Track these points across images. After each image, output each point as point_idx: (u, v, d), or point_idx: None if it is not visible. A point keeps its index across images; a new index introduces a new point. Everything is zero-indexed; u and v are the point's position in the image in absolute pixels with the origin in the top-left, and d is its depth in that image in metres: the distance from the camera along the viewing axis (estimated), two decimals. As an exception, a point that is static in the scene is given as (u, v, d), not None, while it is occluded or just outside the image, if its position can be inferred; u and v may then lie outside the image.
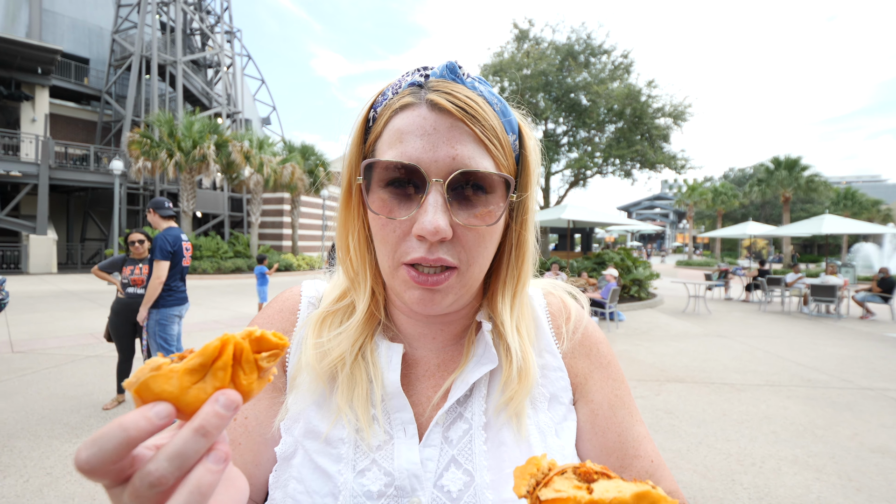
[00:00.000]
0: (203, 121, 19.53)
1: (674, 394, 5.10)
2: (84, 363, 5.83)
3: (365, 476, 0.55)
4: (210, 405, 0.32)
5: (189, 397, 0.33)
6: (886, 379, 5.82)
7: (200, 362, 0.34)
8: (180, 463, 0.30)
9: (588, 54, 17.82)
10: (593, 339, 0.68)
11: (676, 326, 9.45)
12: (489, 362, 0.60)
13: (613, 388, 0.65)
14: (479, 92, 0.55)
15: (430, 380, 0.63)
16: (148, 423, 0.30)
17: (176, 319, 4.09)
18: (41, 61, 20.14)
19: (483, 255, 0.56)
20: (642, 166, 18.32)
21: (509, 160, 0.56)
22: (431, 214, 0.50)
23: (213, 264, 18.73)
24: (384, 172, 0.53)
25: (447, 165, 0.51)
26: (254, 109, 34.88)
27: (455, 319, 0.64)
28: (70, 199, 23.58)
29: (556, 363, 0.64)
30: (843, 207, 35.99)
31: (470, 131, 0.52)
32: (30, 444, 3.60)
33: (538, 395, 0.61)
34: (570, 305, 0.70)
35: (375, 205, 0.54)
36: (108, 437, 0.29)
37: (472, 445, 0.57)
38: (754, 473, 3.36)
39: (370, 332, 0.62)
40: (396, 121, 0.53)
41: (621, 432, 0.62)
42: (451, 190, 0.52)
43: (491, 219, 0.54)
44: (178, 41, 25.24)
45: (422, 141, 0.51)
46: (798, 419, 4.41)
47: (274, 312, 0.67)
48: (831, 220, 15.01)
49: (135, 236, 4.39)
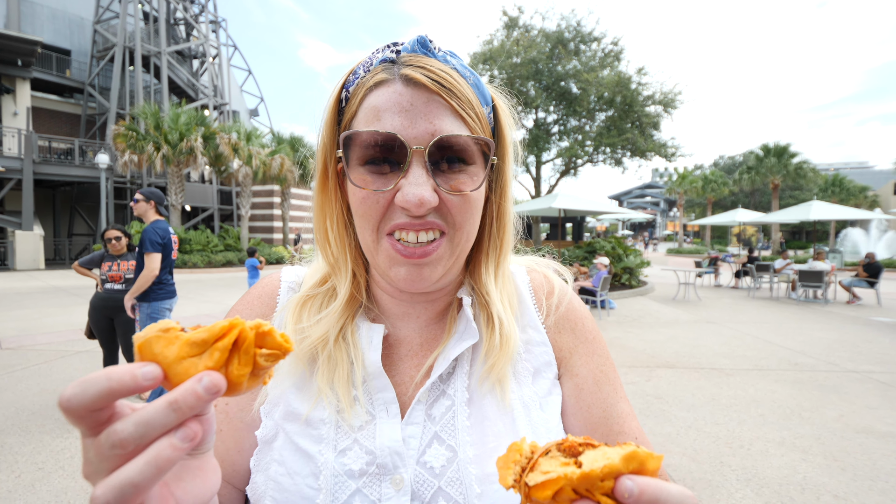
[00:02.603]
0: (190, 113, 19.23)
1: (664, 379, 5.17)
2: (74, 359, 5.78)
3: (346, 455, 0.54)
4: (192, 382, 0.31)
5: (180, 368, 0.33)
6: (871, 362, 5.94)
7: (204, 338, 0.34)
8: (145, 431, 0.30)
9: (578, 42, 17.74)
10: (577, 314, 0.68)
11: (667, 313, 9.56)
12: (470, 337, 0.60)
13: (598, 364, 0.65)
14: (451, 65, 0.54)
15: (413, 359, 0.62)
16: (132, 380, 0.30)
17: (166, 313, 4.06)
18: (21, 53, 19.65)
19: (469, 220, 0.55)
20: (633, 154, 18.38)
21: (486, 131, 0.56)
22: (415, 186, 0.50)
23: (204, 258, 18.58)
24: (363, 148, 0.52)
25: (427, 139, 0.51)
26: (241, 101, 34.39)
27: (438, 297, 0.64)
28: (56, 193, 23.18)
29: (540, 338, 0.64)
30: (831, 194, 36.45)
31: (446, 104, 0.52)
32: (20, 439, 3.57)
33: (522, 370, 0.61)
34: (553, 280, 0.70)
35: (357, 179, 0.53)
36: (93, 383, 0.29)
37: (455, 421, 0.57)
38: (742, 455, 3.42)
39: (351, 314, 0.62)
40: (371, 98, 0.52)
41: (606, 408, 0.62)
42: (432, 161, 0.51)
43: (473, 184, 0.54)
44: (162, 31, 24.74)
45: (400, 117, 0.51)
46: (785, 402, 4.49)
47: (253, 298, 0.67)
48: (819, 207, 15.20)
49: (111, 233, 4.36)
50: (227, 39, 31.67)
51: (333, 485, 0.53)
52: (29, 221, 18.43)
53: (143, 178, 22.67)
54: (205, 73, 28.89)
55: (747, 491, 2.95)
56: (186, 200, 23.32)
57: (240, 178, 20.47)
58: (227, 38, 31.65)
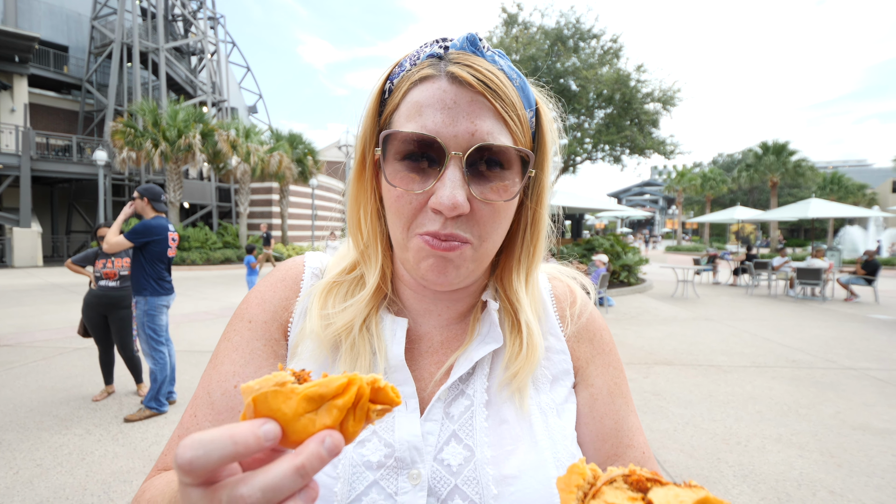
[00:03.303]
0: (188, 109, 19.14)
1: (661, 376, 5.18)
2: (72, 355, 5.77)
3: (365, 447, 0.55)
4: (316, 445, 0.31)
5: (298, 425, 0.32)
6: (869, 359, 5.96)
7: (320, 393, 0.33)
8: (273, 497, 0.29)
9: (577, 39, 17.70)
10: (596, 326, 0.69)
11: (665, 311, 9.57)
12: (494, 341, 0.60)
13: (613, 377, 0.66)
14: (499, 66, 0.54)
15: (433, 356, 0.63)
16: (256, 443, 0.30)
17: (164, 310, 4.05)
18: (18, 49, 19.54)
19: (497, 231, 0.55)
20: (632, 152, 18.34)
21: (527, 136, 0.56)
22: (450, 189, 0.50)
23: (202, 255, 18.54)
24: (402, 145, 0.52)
25: (466, 140, 0.50)
26: (240, 97, 34.27)
27: (462, 297, 0.64)
28: (54, 190, 23.09)
29: (560, 346, 0.65)
30: (829, 192, 36.46)
31: (490, 106, 0.51)
32: (19, 436, 3.57)
33: (541, 376, 0.62)
34: (575, 290, 0.71)
35: (392, 177, 0.53)
36: (217, 446, 0.28)
37: (474, 422, 0.57)
38: (739, 452, 3.43)
39: (376, 305, 0.62)
40: (415, 93, 0.52)
41: (618, 420, 0.63)
42: (468, 165, 0.51)
43: (508, 194, 0.53)
44: (160, 27, 24.61)
45: (441, 114, 0.50)
46: (783, 399, 4.51)
47: (277, 281, 0.66)
48: (818, 205, 15.22)
49: (103, 230, 4.34)
50: (226, 36, 31.55)
51: (351, 474, 0.53)
52: (27, 218, 18.37)
53: (142, 176, 22.61)
54: (203, 69, 28.76)
55: (744, 487, 2.96)
56: (185, 197, 23.25)
57: (238, 175, 20.40)
58: (226, 34, 31.52)
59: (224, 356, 0.61)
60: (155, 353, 3.98)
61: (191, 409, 0.59)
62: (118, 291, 4.27)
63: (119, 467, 3.14)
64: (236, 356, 0.60)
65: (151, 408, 3.97)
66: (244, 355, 0.60)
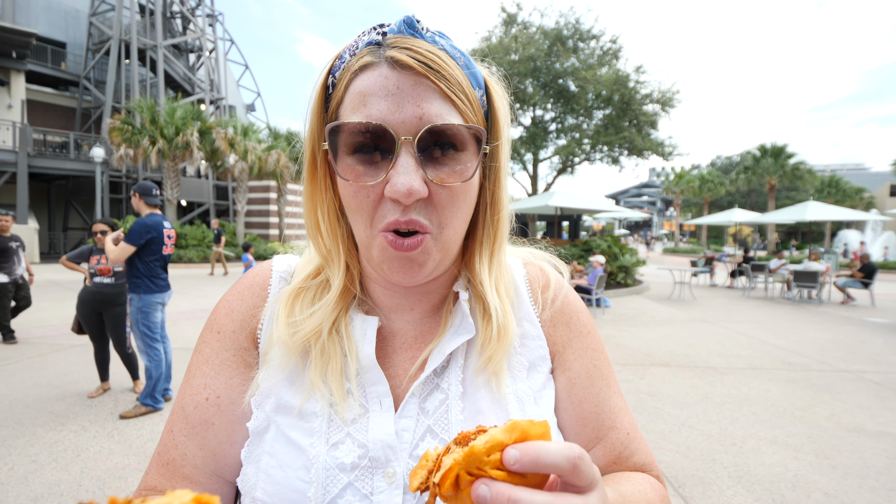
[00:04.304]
0: (186, 107, 19.09)
1: (658, 377, 5.19)
2: (68, 352, 5.75)
3: (338, 449, 0.54)
4: None
5: None
6: (864, 361, 5.99)
7: None
8: None
9: (576, 39, 17.69)
10: (573, 308, 0.67)
11: (662, 312, 9.59)
12: (466, 332, 0.59)
13: (592, 359, 0.64)
14: (440, 46, 0.52)
15: (407, 352, 0.62)
16: None
17: (159, 307, 4.04)
18: (15, 45, 19.45)
19: (457, 216, 0.54)
20: (630, 153, 18.37)
21: (478, 115, 0.55)
22: (403, 175, 0.48)
23: (199, 253, 18.49)
24: (350, 137, 0.51)
25: (415, 124, 0.49)
26: (238, 95, 34.20)
27: (433, 289, 0.63)
28: (51, 187, 23.02)
29: (535, 332, 0.64)
30: (827, 195, 36.59)
31: (435, 87, 0.50)
32: (14, 432, 3.56)
33: (517, 364, 0.61)
34: (549, 273, 0.69)
35: (345, 172, 0.52)
36: None
37: (449, 415, 0.56)
38: (734, 453, 3.44)
39: (345, 307, 0.61)
40: (357, 83, 0.51)
41: (598, 403, 0.62)
42: (421, 150, 0.50)
43: (465, 175, 0.52)
44: (158, 24, 24.55)
45: (386, 101, 0.49)
46: (778, 401, 4.52)
47: (244, 288, 0.65)
48: (815, 207, 15.26)
49: (98, 227, 4.35)
50: (224, 33, 31.50)
51: (325, 478, 0.52)
52: (24, 215, 18.29)
53: (139, 173, 22.54)
54: (201, 67, 28.69)
55: (738, 488, 2.97)
56: (182, 195, 23.21)
57: (236, 173, 20.34)
58: (224, 32, 31.46)
59: (195, 369, 0.61)
60: (150, 350, 3.97)
61: (168, 423, 0.60)
62: (113, 288, 4.26)
63: (114, 464, 3.13)
64: (207, 368, 0.60)
65: (147, 405, 3.96)
66: (214, 367, 0.60)
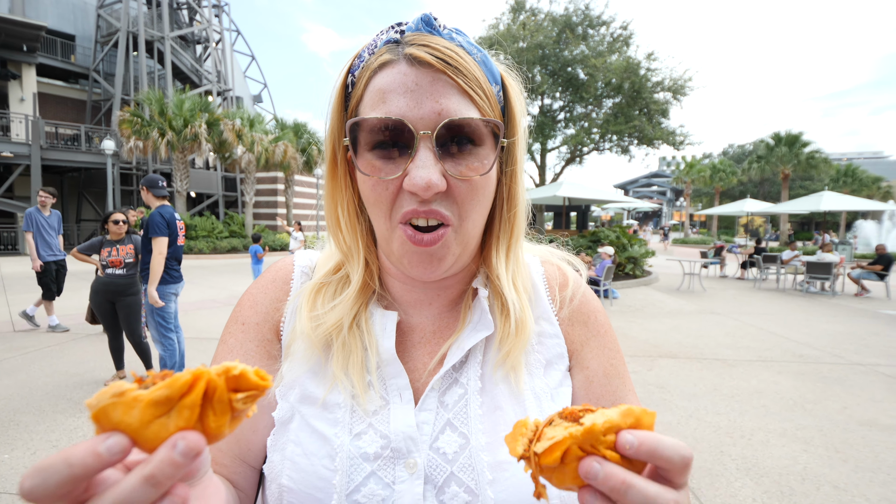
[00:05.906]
0: (193, 99, 19.17)
1: (666, 369, 5.17)
2: (85, 341, 5.87)
3: (361, 439, 0.56)
4: (166, 451, 0.29)
5: (149, 433, 0.30)
6: (877, 354, 5.91)
7: (167, 395, 0.30)
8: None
9: (586, 26, 17.42)
10: (590, 307, 0.68)
11: (670, 304, 9.53)
12: (485, 329, 0.60)
13: (609, 357, 0.66)
14: (457, 42, 0.53)
15: (425, 346, 0.63)
16: (96, 460, 0.28)
17: (172, 297, 4.11)
18: (26, 38, 19.58)
19: (476, 209, 0.55)
20: (640, 142, 18.15)
21: (495, 110, 0.55)
22: (422, 169, 0.50)
23: (209, 244, 18.68)
24: (370, 134, 0.52)
25: (433, 120, 0.50)
26: (244, 87, 34.22)
27: (451, 284, 0.64)
28: (63, 179, 23.28)
29: (553, 330, 0.65)
30: (842, 184, 35.89)
31: (453, 83, 0.51)
32: (35, 418, 3.66)
33: (534, 361, 0.62)
34: (567, 272, 0.70)
35: (365, 167, 0.53)
36: (52, 471, 0.27)
37: (468, 409, 0.58)
38: (743, 445, 3.44)
39: (364, 302, 0.63)
40: (377, 81, 0.52)
41: (615, 401, 0.63)
42: (440, 144, 0.51)
43: (482, 168, 0.53)
44: (165, 16, 24.55)
45: (405, 98, 0.50)
46: (788, 393, 4.49)
47: (267, 282, 0.68)
48: (830, 197, 15.02)
49: (118, 215, 4.42)
50: (230, 24, 31.40)
51: (349, 466, 0.54)
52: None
53: (149, 165, 22.71)
54: (208, 58, 28.70)
55: (746, 480, 2.97)
56: (191, 187, 23.37)
57: (243, 164, 20.44)
58: (231, 22, 31.37)
59: (220, 359, 0.63)
60: (164, 339, 4.05)
61: None
62: (124, 279, 4.34)
63: (130, 453, 3.22)
64: (231, 358, 0.62)
65: (161, 395, 4.04)
66: (238, 357, 0.62)
